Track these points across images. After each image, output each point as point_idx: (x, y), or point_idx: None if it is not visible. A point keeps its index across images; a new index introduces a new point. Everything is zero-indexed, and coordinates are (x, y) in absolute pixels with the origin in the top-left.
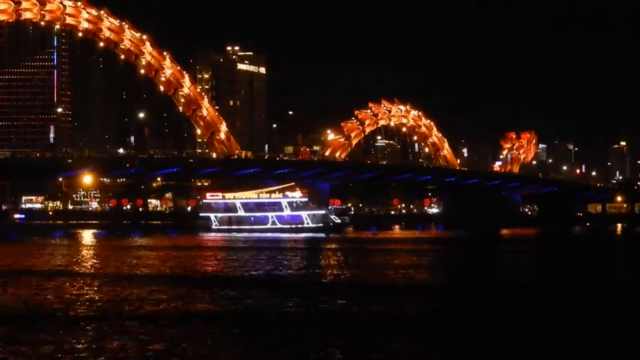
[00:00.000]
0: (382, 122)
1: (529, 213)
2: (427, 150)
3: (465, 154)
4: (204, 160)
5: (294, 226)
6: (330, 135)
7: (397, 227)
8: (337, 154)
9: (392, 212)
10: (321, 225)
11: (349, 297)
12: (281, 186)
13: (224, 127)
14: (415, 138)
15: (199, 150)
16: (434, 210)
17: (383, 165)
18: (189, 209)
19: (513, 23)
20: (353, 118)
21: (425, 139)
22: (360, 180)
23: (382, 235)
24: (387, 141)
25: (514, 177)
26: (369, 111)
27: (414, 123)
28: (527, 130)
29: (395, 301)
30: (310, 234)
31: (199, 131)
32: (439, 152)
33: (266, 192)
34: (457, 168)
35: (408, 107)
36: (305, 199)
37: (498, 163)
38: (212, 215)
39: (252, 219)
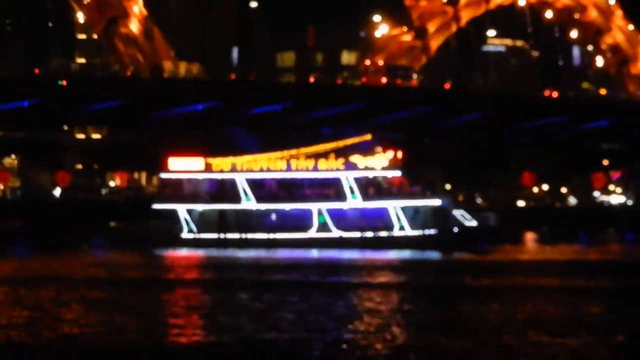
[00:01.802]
0: None
1: None
2: (599, 61)
3: None
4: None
5: (369, 235)
6: (381, 28)
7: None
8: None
9: (525, 201)
10: (434, 232)
11: None
12: (337, 142)
13: (137, 8)
14: (574, 33)
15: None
16: (616, 197)
17: (497, 96)
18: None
19: None
20: None
21: (598, 36)
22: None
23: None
24: (507, 41)
25: None
26: None
27: (573, 0)
28: None
29: None
30: (407, 254)
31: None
32: (626, 68)
33: (305, 157)
34: None
35: None
36: (398, 173)
37: None
38: (180, 210)
39: (274, 217)
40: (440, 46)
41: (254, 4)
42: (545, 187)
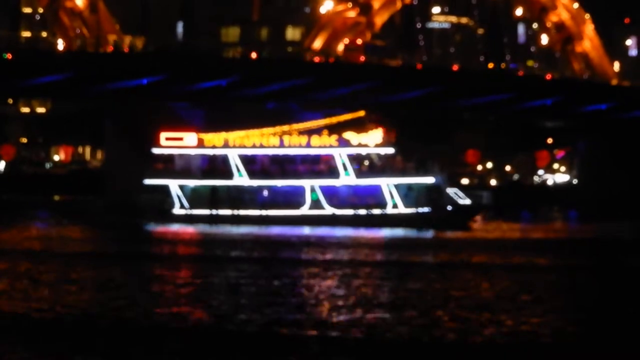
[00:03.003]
0: None
1: None
2: (544, 39)
3: (633, 51)
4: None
5: (362, 212)
6: (326, 3)
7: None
8: (341, 46)
9: (465, 179)
10: (427, 209)
11: None
12: (331, 118)
13: None
14: (519, 10)
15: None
16: (561, 175)
17: (442, 72)
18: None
19: None
20: None
21: (543, 14)
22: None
23: None
24: (452, 18)
25: None
26: None
27: None
28: None
29: None
30: (400, 232)
31: None
32: (571, 46)
33: (297, 133)
34: (614, 81)
35: None
36: (391, 150)
37: None
38: (172, 186)
39: (266, 193)
40: (385, 22)
41: None
42: (489, 164)
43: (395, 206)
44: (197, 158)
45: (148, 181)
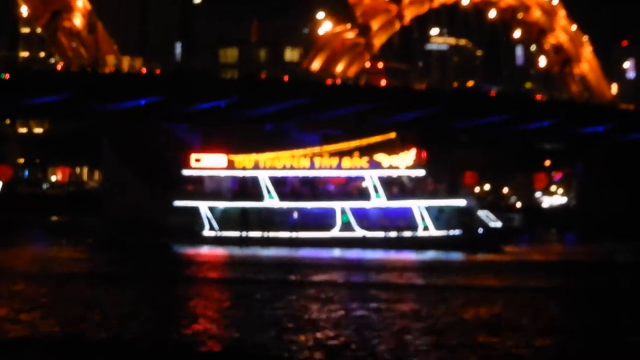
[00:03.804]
0: None
1: None
2: (542, 61)
3: (631, 74)
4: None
5: (392, 234)
6: (325, 25)
7: None
8: (340, 66)
9: None
10: (458, 232)
11: None
12: (363, 140)
13: (80, 2)
14: (517, 32)
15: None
16: (557, 197)
17: (440, 93)
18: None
19: None
20: None
21: (541, 36)
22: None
23: None
24: (450, 40)
25: None
26: None
27: (516, 0)
28: None
29: None
30: (431, 254)
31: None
32: (569, 68)
33: (329, 155)
34: (612, 103)
35: None
36: (422, 172)
37: None
38: (202, 207)
39: (296, 215)
40: (384, 44)
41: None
42: (487, 186)
43: (426, 228)
44: (227, 180)
45: (178, 203)
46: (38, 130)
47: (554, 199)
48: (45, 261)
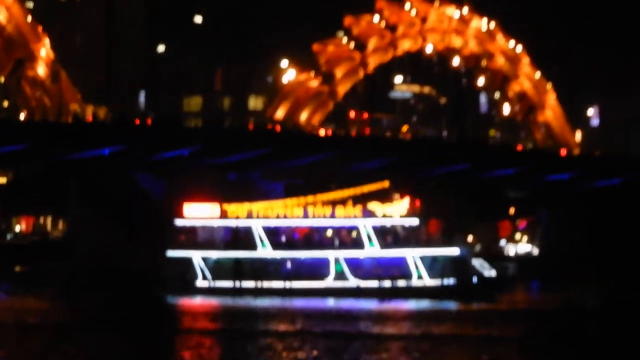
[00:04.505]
0: (405, 44)
1: None
2: (506, 109)
3: (595, 121)
4: None
5: (387, 284)
6: (289, 73)
7: None
8: (304, 115)
9: None
10: (452, 281)
11: None
12: (357, 189)
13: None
14: (481, 80)
15: None
16: (522, 246)
17: (403, 141)
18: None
19: None
20: (340, 33)
21: (505, 84)
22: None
23: None
24: (414, 88)
25: None
26: (375, 18)
27: (480, 47)
28: None
29: None
30: (426, 303)
31: None
32: (533, 115)
33: (322, 204)
34: (576, 151)
35: (467, 11)
36: (416, 221)
37: None
38: (195, 257)
39: (290, 265)
40: (348, 92)
41: (161, 47)
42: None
43: (420, 277)
44: (220, 229)
45: (171, 253)
46: (1, 180)
47: (519, 246)
48: (5, 311)
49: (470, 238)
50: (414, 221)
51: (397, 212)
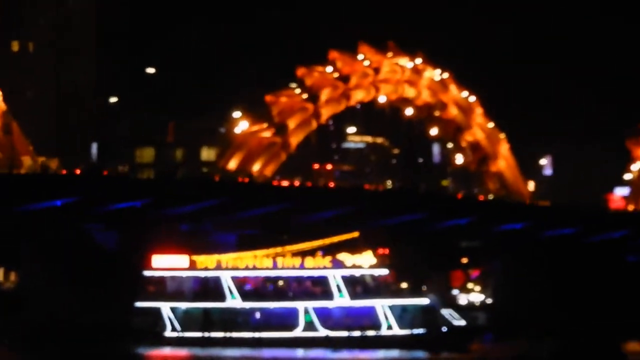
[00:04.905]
0: (358, 95)
1: None
2: (459, 159)
3: (548, 170)
4: None
5: (355, 334)
6: (241, 124)
7: None
8: (257, 166)
9: None
10: (422, 331)
11: None
12: (326, 240)
13: None
14: (434, 130)
15: None
16: (474, 295)
17: (354, 192)
18: None
19: None
20: (293, 84)
21: (458, 134)
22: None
23: None
24: (367, 138)
25: None
26: (328, 68)
27: (433, 97)
28: None
29: None
30: (395, 353)
31: None
32: (486, 165)
33: (291, 255)
34: (529, 201)
35: (420, 61)
36: (385, 271)
37: (620, 191)
38: (164, 308)
39: (259, 315)
40: (301, 143)
41: (113, 99)
42: (404, 284)
43: (389, 327)
44: (189, 280)
45: (140, 304)
46: None
47: (471, 296)
48: None
49: (424, 287)
50: (384, 271)
51: (367, 262)
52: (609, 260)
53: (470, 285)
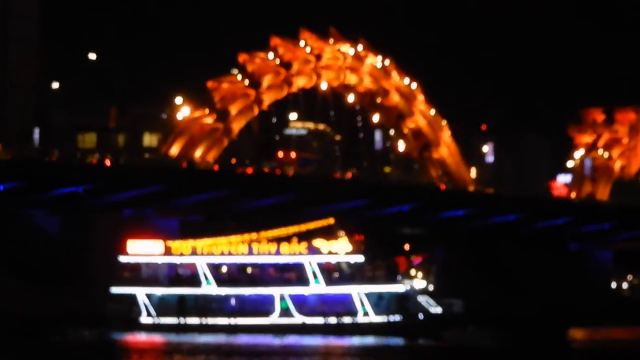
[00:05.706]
0: (300, 82)
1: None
2: (401, 146)
3: (490, 158)
4: None
5: (331, 321)
6: (183, 110)
7: None
8: (199, 151)
9: None
10: (398, 318)
11: None
12: (301, 226)
13: None
14: (376, 117)
15: None
16: (417, 282)
17: (296, 179)
18: None
19: None
20: (235, 70)
21: (400, 121)
22: (249, 211)
23: None
24: (309, 125)
25: (601, 210)
26: (270, 55)
27: (375, 84)
28: (631, 106)
29: None
30: (371, 340)
31: None
32: (428, 152)
33: (267, 241)
34: (471, 188)
35: (362, 48)
36: (361, 258)
37: (563, 178)
38: (139, 294)
39: (234, 302)
40: (242, 129)
41: (55, 85)
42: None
43: (365, 314)
44: (164, 266)
45: (115, 289)
46: None
47: (414, 282)
48: None
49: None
50: (359, 258)
51: (343, 249)
52: (552, 248)
53: (412, 272)
